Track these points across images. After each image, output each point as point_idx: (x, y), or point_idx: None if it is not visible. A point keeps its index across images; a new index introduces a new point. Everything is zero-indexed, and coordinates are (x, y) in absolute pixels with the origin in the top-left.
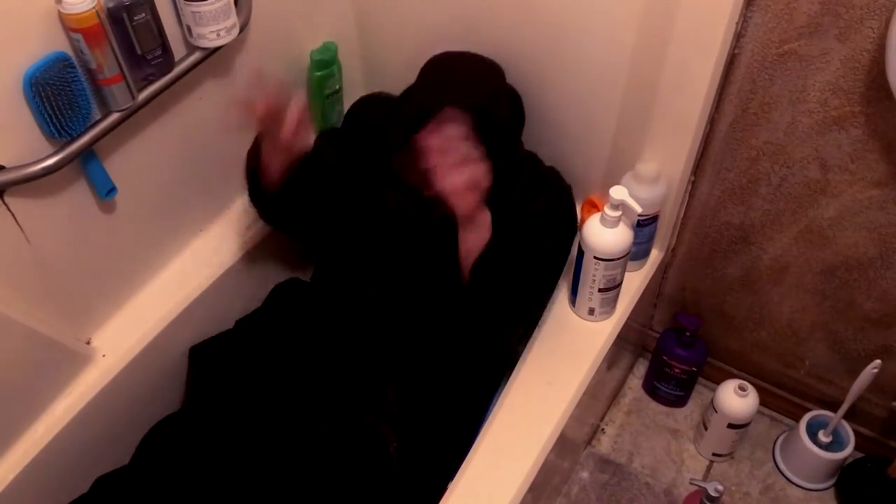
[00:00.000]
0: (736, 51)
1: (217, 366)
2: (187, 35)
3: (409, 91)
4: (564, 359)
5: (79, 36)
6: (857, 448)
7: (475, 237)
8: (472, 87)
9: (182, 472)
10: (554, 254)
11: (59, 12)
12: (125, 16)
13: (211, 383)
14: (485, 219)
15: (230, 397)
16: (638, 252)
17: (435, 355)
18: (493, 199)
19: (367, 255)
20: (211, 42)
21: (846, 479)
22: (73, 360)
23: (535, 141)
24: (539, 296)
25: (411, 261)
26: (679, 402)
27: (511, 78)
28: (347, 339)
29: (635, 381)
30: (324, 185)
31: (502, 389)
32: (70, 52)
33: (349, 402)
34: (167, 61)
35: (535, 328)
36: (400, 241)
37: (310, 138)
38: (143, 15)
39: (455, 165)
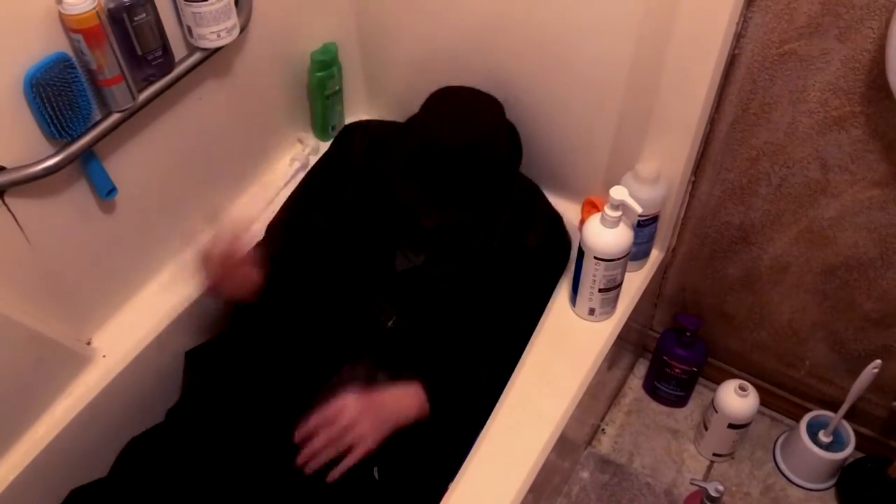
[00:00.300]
0: (736, 51)
1: (212, 370)
2: (188, 36)
3: (409, 124)
4: (565, 359)
5: (79, 36)
6: (857, 448)
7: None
8: (472, 121)
9: (168, 480)
10: (539, 297)
11: (60, 13)
12: (125, 16)
13: (205, 388)
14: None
15: (224, 402)
16: (638, 252)
17: (433, 357)
18: (486, 233)
19: (366, 266)
20: (211, 43)
21: (846, 480)
22: (74, 360)
23: (535, 142)
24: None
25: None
26: (679, 402)
27: (512, 77)
28: (345, 342)
29: (635, 382)
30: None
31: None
32: (70, 53)
33: None
34: (167, 62)
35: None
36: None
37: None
38: (144, 15)
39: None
